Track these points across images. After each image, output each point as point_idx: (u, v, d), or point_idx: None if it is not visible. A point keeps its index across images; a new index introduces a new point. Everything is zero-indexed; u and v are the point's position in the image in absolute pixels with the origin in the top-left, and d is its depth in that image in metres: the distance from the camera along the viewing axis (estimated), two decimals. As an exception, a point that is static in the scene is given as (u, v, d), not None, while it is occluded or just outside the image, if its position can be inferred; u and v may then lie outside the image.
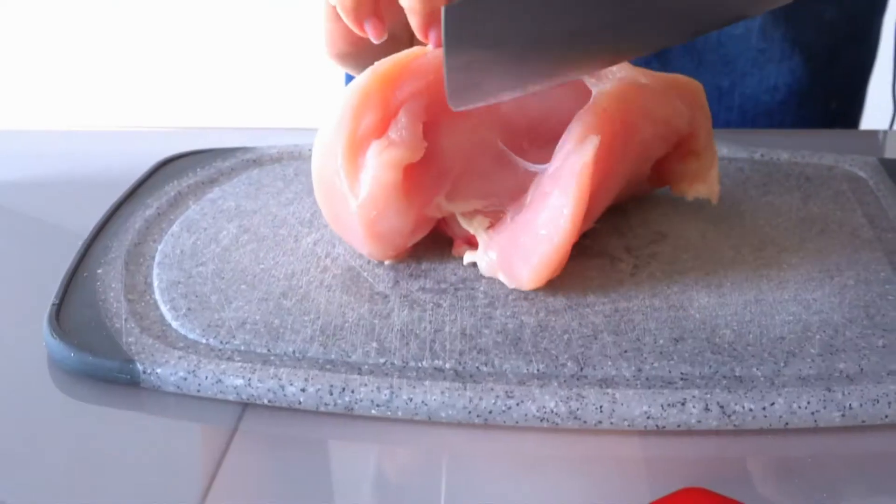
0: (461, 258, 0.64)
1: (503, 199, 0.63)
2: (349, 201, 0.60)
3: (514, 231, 0.61)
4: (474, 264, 0.63)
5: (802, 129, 0.97)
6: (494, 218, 0.63)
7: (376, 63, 0.61)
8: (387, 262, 0.64)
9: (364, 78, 0.60)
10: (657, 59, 0.91)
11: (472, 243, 0.64)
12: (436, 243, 0.65)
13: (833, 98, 0.99)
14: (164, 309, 0.60)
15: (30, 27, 2.27)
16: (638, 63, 0.87)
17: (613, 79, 0.64)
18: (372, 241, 0.62)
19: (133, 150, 0.83)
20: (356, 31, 0.63)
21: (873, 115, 1.04)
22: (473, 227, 0.62)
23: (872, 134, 0.92)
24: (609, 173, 0.62)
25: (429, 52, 0.61)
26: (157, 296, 0.61)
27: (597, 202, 0.62)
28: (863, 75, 1.01)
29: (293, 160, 0.78)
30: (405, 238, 0.63)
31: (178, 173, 0.75)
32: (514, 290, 0.61)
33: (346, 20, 0.63)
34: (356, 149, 0.59)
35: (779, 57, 0.91)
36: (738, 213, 0.69)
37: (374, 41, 0.63)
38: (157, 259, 0.65)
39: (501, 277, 0.61)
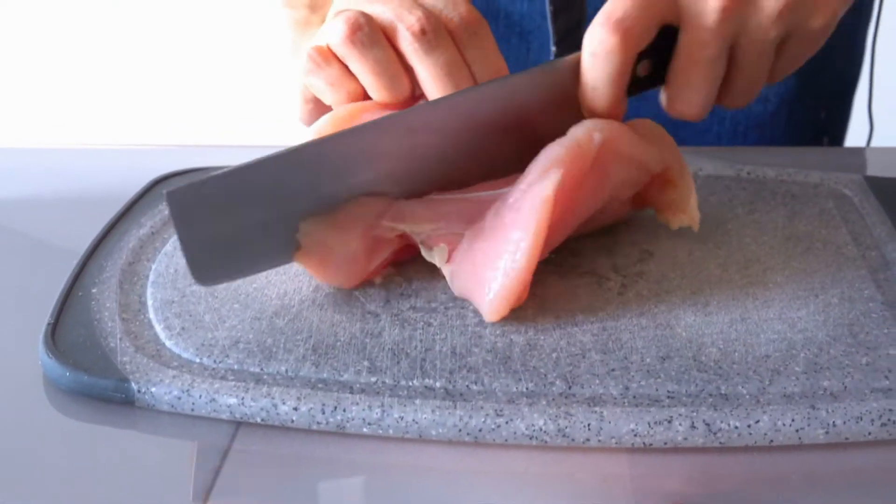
0: (452, 277, 0.64)
1: (454, 223, 0.63)
2: None
3: (472, 261, 0.61)
4: (465, 283, 0.64)
5: (792, 142, 0.98)
6: (452, 243, 0.63)
7: (333, 111, 0.65)
8: (378, 282, 0.65)
9: (322, 123, 0.64)
10: None
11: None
12: (427, 265, 0.66)
13: (823, 108, 1.00)
14: (158, 328, 0.61)
15: (25, 45, 2.28)
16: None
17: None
18: (322, 276, 0.63)
19: (127, 167, 0.84)
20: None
21: (852, 132, 1.05)
22: (436, 259, 0.63)
23: (857, 151, 0.93)
24: (572, 208, 0.62)
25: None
26: (152, 315, 0.62)
27: (556, 234, 0.63)
28: (850, 85, 1.03)
29: (285, 179, 0.78)
30: (361, 264, 0.63)
31: (171, 192, 0.75)
32: (504, 308, 0.62)
33: (325, 102, 0.65)
34: None
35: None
36: (725, 232, 0.70)
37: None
38: (151, 278, 0.66)
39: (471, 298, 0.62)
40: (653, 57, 0.64)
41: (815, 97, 0.95)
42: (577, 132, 0.62)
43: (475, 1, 0.92)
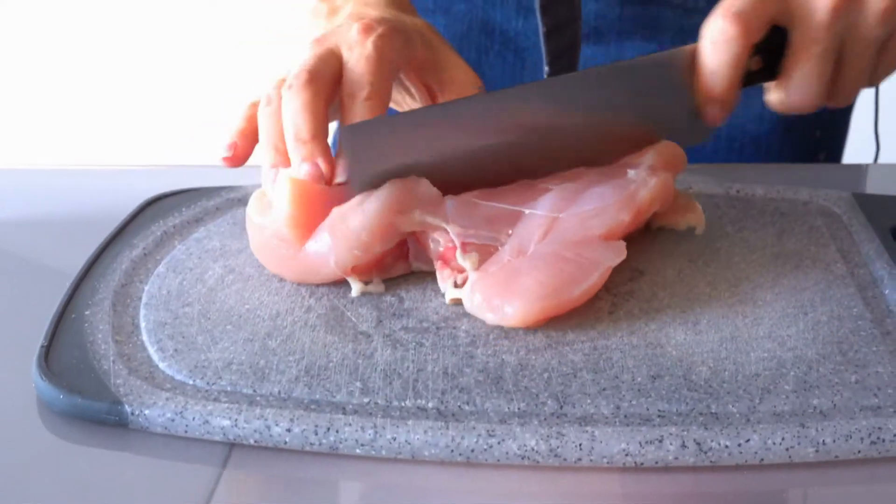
0: (442, 297, 0.65)
1: (489, 229, 0.65)
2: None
3: (512, 272, 0.63)
4: (456, 301, 0.64)
5: (788, 159, 0.98)
6: (485, 252, 0.65)
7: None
8: (369, 299, 0.65)
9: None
10: None
11: (447, 262, 0.65)
12: (418, 282, 0.66)
13: (818, 126, 1.00)
14: (151, 350, 0.61)
15: (16, 66, 2.27)
16: None
17: (650, 170, 0.69)
18: (337, 242, 0.65)
19: (119, 188, 0.84)
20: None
21: (856, 151, 1.06)
22: (467, 263, 0.64)
23: (847, 168, 0.94)
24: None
25: None
26: (145, 337, 0.62)
27: None
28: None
29: (277, 199, 0.79)
30: (369, 245, 0.65)
31: (164, 213, 0.76)
32: (495, 328, 0.62)
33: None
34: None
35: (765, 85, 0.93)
36: (714, 250, 0.71)
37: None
38: (143, 300, 0.66)
39: (483, 313, 0.63)
40: (763, 54, 0.69)
41: (809, 118, 0.95)
42: (640, 191, 0.68)
43: (471, 15, 0.93)
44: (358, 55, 0.67)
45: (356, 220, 0.64)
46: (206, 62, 2.20)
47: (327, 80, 0.67)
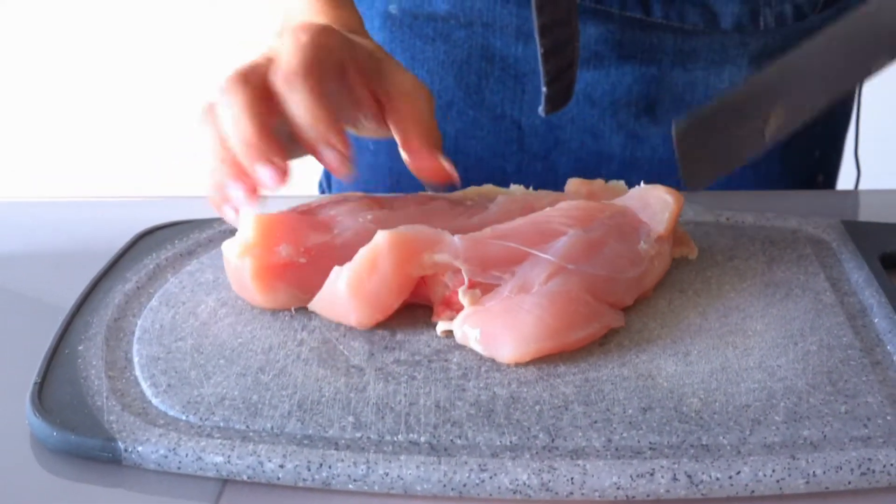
0: (434, 329, 0.65)
1: (504, 271, 0.66)
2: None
3: (511, 307, 0.63)
4: (448, 334, 0.65)
5: (787, 181, 0.98)
6: (487, 291, 0.65)
7: None
8: (361, 332, 0.65)
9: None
10: (647, 114, 0.93)
11: (450, 305, 0.66)
12: (410, 314, 0.66)
13: (816, 147, 1.01)
14: (144, 385, 0.61)
15: (5, 96, 2.27)
16: (628, 119, 0.91)
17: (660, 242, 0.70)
18: (360, 305, 0.65)
19: (111, 220, 0.84)
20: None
21: (841, 176, 1.06)
22: (466, 299, 0.64)
23: (834, 194, 0.94)
24: None
25: None
26: (138, 372, 0.62)
27: None
28: (844, 122, 1.03)
29: (269, 230, 0.79)
30: (392, 297, 0.65)
31: (156, 245, 0.76)
32: (487, 361, 0.62)
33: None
34: None
35: None
36: (705, 279, 0.71)
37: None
38: (136, 334, 0.66)
39: (475, 346, 0.63)
40: None
41: (808, 136, 0.96)
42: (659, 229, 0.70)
43: (471, 41, 0.93)
44: (290, 44, 0.65)
45: (373, 284, 0.64)
46: (200, 91, 2.19)
47: (261, 79, 0.65)
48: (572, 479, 0.53)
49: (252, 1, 2.04)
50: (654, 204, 0.71)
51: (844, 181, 1.04)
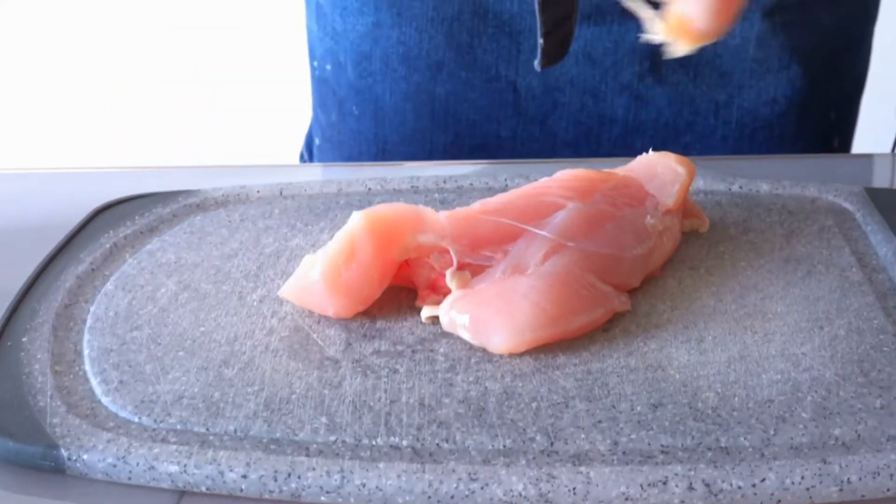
0: (418, 315, 0.59)
1: (497, 251, 0.59)
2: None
3: (505, 290, 0.56)
4: (434, 320, 0.58)
5: (801, 144, 0.94)
6: (478, 272, 0.59)
7: None
8: (338, 320, 0.59)
9: None
10: (651, 75, 0.88)
11: (436, 289, 0.60)
12: (392, 298, 0.60)
13: (833, 108, 0.96)
14: (94, 382, 0.55)
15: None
16: (632, 80, 0.85)
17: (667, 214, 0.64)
18: (337, 297, 0.58)
19: (66, 194, 0.77)
20: None
21: (867, 140, 1.00)
22: (454, 283, 0.58)
23: (856, 159, 0.87)
24: None
25: None
26: (87, 366, 0.56)
27: None
28: (859, 83, 0.99)
29: (240, 204, 0.72)
30: (373, 286, 0.59)
31: (115, 222, 0.69)
32: (477, 351, 0.56)
33: None
34: None
35: (777, 67, 0.88)
36: (718, 255, 0.65)
37: None
38: (88, 323, 0.60)
39: (464, 334, 0.56)
40: None
41: (824, 98, 0.91)
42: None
43: (463, 1, 0.87)
44: None
45: (351, 273, 0.58)
46: (162, 54, 2.08)
47: None
48: (574, 489, 0.47)
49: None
50: (662, 174, 0.64)
51: (879, 146, 0.97)
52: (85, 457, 0.50)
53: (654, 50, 0.86)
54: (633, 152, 0.70)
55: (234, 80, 1.97)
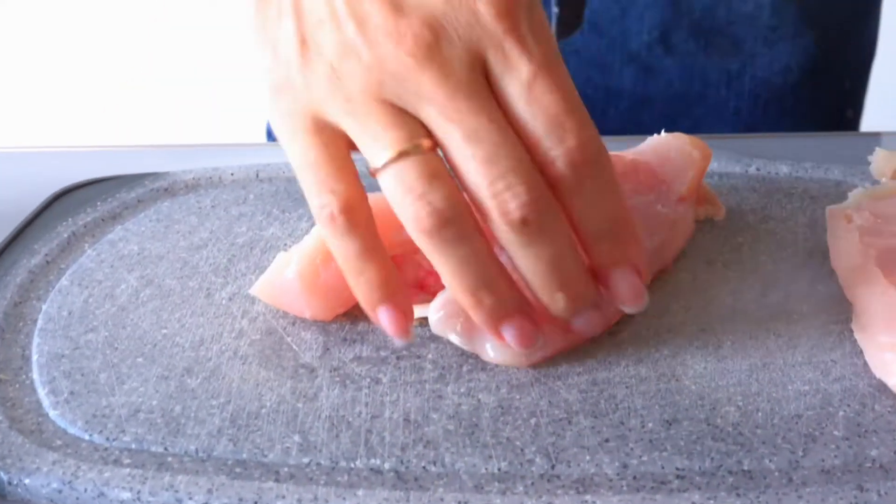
0: (405, 315, 0.53)
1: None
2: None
3: None
4: (422, 322, 0.52)
5: (814, 115, 0.90)
6: None
7: None
8: (315, 322, 0.53)
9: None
10: (661, 44, 0.84)
11: (424, 288, 0.54)
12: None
13: (846, 77, 0.93)
14: (41, 393, 0.49)
15: None
16: (640, 50, 0.83)
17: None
18: (315, 300, 0.53)
19: (21, 177, 0.70)
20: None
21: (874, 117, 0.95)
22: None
23: (880, 137, 0.81)
24: None
25: None
26: (35, 374, 0.50)
27: None
28: (871, 51, 0.96)
29: (211, 188, 0.67)
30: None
31: (74, 209, 0.64)
32: (469, 358, 0.50)
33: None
34: None
35: (791, 34, 0.85)
36: (735, 247, 0.59)
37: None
38: (39, 324, 0.54)
39: (454, 339, 0.51)
40: None
41: (839, 66, 0.89)
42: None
43: None
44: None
45: (330, 273, 0.52)
46: (131, 28, 1.99)
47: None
48: (578, 521, 0.41)
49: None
50: (675, 158, 0.59)
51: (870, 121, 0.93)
52: (27, 481, 0.44)
53: (663, 18, 0.82)
54: (641, 127, 0.65)
55: (205, 59, 1.90)
